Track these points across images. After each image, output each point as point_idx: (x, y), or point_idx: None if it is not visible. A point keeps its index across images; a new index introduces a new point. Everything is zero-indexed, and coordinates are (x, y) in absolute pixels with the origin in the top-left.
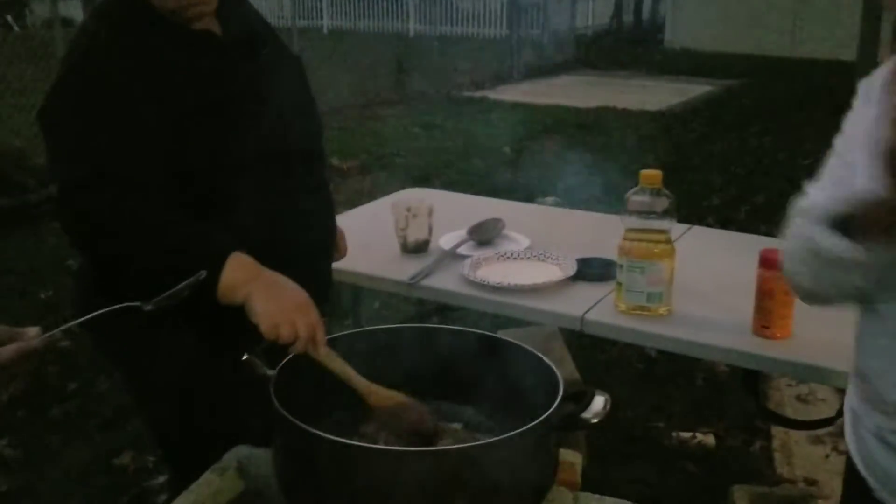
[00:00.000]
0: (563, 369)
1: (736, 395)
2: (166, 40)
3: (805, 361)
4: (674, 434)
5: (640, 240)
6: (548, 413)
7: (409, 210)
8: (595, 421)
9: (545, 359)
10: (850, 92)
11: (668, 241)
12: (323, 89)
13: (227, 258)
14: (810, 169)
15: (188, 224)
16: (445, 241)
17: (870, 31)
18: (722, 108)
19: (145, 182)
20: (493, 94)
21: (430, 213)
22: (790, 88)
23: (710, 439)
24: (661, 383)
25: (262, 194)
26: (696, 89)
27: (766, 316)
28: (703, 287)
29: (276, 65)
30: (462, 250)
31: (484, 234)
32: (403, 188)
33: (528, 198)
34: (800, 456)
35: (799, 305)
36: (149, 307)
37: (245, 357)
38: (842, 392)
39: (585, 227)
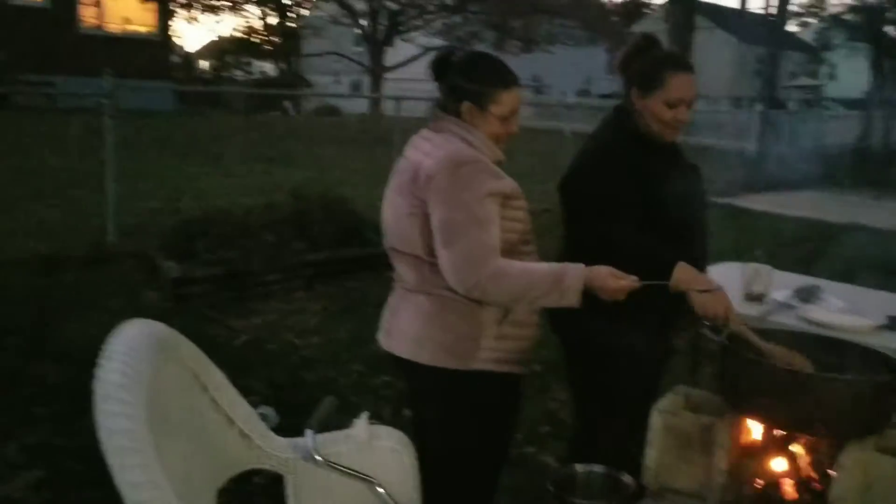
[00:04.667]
0: None
1: None
2: (646, 150)
3: None
4: None
5: None
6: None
7: (756, 271)
8: None
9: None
10: None
11: None
12: None
13: (678, 264)
14: None
15: (655, 243)
16: (776, 296)
17: None
18: None
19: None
20: (738, 202)
21: (770, 275)
22: None
23: None
24: None
25: (688, 235)
26: None
27: None
28: None
29: (693, 167)
30: (790, 302)
31: (806, 294)
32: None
33: None
34: None
35: None
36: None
37: (700, 330)
38: None
39: (887, 301)
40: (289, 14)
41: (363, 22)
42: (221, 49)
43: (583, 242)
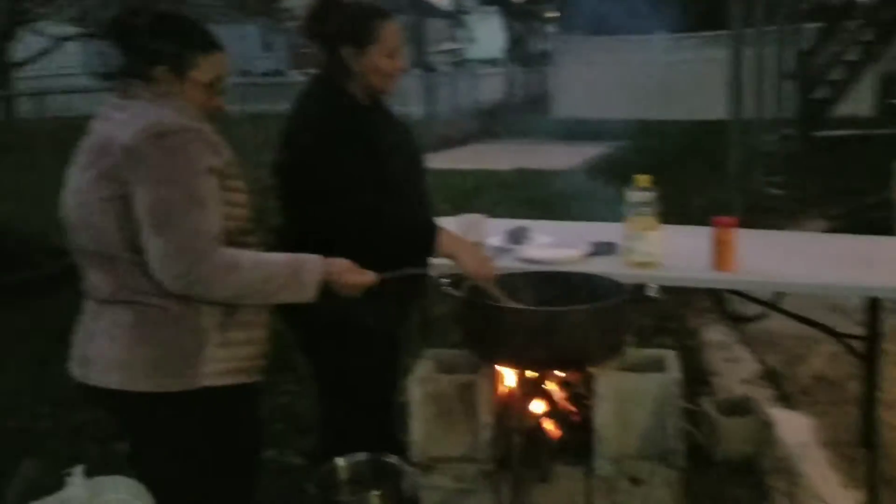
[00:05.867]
0: None
1: None
2: (368, 115)
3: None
4: None
5: (639, 219)
6: (622, 292)
7: (471, 221)
8: (653, 295)
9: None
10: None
11: (656, 220)
12: None
13: (439, 230)
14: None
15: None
16: (491, 242)
17: (737, 93)
18: (618, 165)
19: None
20: None
21: (485, 223)
22: (669, 146)
23: None
24: None
25: (421, 196)
26: (591, 151)
27: (720, 257)
28: (676, 251)
29: (405, 126)
30: (505, 246)
31: (517, 236)
32: None
33: None
34: None
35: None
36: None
37: (445, 288)
38: None
39: (585, 230)
40: None
41: None
42: None
43: (313, 228)
